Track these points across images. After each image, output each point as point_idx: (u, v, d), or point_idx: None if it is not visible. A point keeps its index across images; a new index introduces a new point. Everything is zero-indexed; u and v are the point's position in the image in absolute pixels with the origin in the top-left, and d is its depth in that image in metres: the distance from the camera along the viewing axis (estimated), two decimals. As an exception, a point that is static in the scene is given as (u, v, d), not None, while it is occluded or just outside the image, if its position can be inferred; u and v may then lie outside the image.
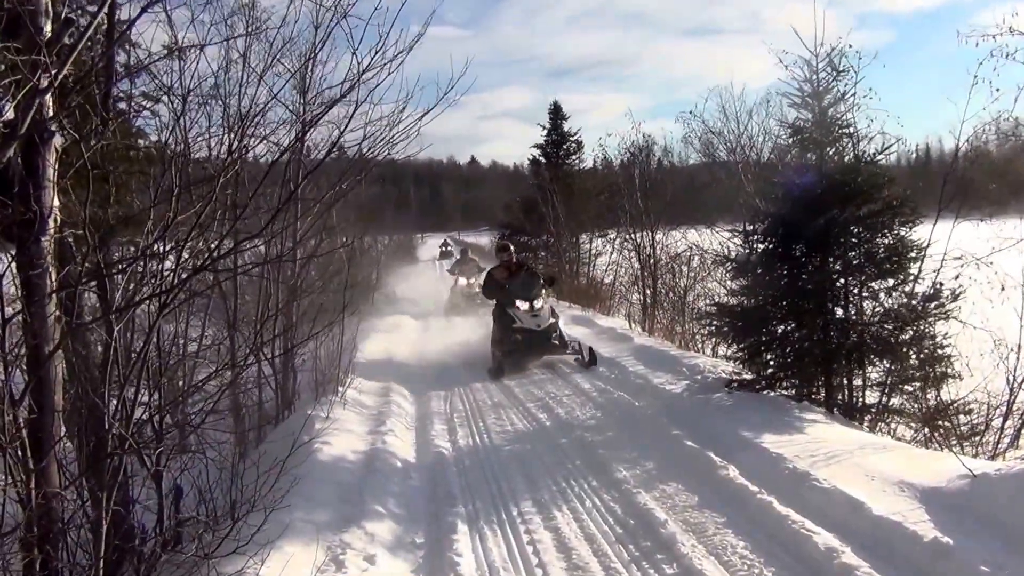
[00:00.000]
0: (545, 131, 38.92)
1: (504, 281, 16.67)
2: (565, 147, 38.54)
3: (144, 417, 5.29)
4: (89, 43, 6.25)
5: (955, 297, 10.01)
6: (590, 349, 15.19)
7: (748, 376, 11.07)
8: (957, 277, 10.10)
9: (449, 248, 67.54)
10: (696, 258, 20.22)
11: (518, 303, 15.85)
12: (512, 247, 18.23)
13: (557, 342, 15.58)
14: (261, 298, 11.10)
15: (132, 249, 7.75)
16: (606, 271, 28.08)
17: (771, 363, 10.99)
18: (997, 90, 9.76)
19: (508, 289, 16.32)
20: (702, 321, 14.38)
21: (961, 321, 10.07)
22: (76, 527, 4.63)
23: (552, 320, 15.77)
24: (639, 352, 15.19)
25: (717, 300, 13.72)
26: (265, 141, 10.03)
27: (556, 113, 38.92)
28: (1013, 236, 9.10)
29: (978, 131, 10.62)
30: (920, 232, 10.39)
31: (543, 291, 16.59)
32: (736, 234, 15.09)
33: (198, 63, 8.36)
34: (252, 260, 10.65)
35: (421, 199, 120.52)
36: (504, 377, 14.55)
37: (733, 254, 12.73)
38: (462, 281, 25.72)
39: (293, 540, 6.21)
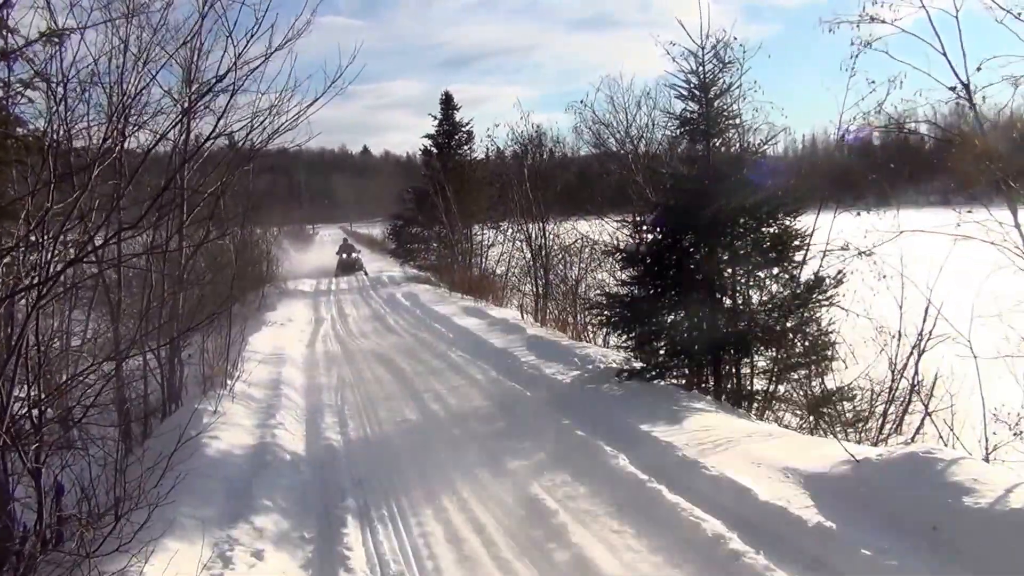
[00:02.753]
0: (436, 121, 38.98)
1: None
2: (456, 137, 38.67)
3: (23, 411, 5.14)
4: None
5: (837, 283, 10.28)
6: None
7: (638, 365, 11.20)
8: (841, 272, 10.34)
9: (356, 255, 45.10)
10: (587, 249, 20.33)
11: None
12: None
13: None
14: (145, 289, 10.84)
15: (8, 240, 7.49)
16: (498, 262, 28.12)
17: (661, 352, 11.13)
18: (873, 82, 9.97)
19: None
20: (593, 311, 14.48)
21: (844, 308, 10.34)
22: (-49, 526, 4.46)
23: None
24: (531, 343, 15.21)
25: (608, 290, 13.81)
26: (149, 131, 9.77)
27: (447, 103, 38.99)
28: (892, 227, 9.29)
29: (857, 122, 10.84)
30: (805, 221, 10.64)
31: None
32: (626, 224, 15.21)
33: (79, 49, 8.14)
34: (137, 251, 10.40)
35: (313, 189, 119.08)
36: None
37: (623, 244, 12.84)
38: None
39: (178, 537, 6.09)
